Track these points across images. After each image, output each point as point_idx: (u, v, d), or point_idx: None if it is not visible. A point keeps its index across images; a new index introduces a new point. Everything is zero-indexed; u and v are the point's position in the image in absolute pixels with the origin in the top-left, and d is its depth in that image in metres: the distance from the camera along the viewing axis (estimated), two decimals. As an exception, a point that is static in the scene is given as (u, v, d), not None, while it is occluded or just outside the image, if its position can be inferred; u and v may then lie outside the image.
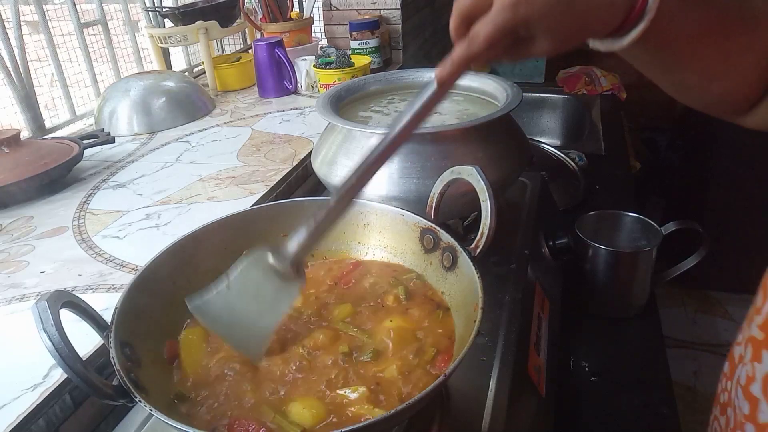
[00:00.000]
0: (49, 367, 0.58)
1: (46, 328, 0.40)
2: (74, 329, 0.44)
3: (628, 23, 0.43)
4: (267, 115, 1.35)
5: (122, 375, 0.42)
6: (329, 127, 0.82)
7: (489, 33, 0.42)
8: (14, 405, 0.54)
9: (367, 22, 1.57)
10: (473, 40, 0.43)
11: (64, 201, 0.98)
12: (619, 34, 0.44)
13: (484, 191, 0.51)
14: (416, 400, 0.39)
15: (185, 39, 1.51)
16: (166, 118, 1.30)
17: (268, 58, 1.43)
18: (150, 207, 0.93)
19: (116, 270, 0.76)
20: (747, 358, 0.42)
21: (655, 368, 0.81)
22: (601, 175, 1.30)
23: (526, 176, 0.95)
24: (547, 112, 1.82)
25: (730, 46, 0.47)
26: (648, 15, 0.41)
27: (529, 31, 0.43)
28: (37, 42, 1.34)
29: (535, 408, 0.64)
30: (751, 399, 0.42)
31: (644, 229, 0.91)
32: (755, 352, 0.41)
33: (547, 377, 0.68)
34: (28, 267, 0.78)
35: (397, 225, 0.61)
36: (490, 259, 0.75)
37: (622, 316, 0.91)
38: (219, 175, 1.03)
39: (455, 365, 0.41)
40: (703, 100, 0.53)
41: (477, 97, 0.89)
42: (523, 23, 0.42)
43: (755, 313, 0.41)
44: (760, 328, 0.40)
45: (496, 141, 0.75)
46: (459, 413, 0.54)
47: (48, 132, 1.30)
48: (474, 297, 0.48)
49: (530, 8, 0.41)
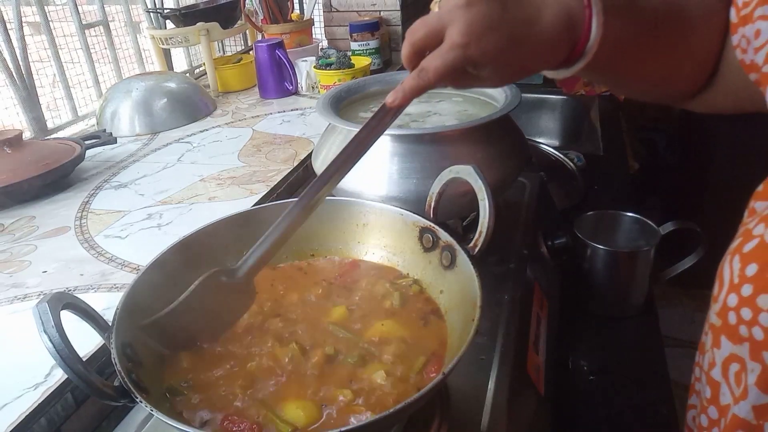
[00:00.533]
0: (50, 366, 0.59)
1: (46, 330, 0.41)
2: (75, 328, 0.45)
3: (572, 57, 0.46)
4: (268, 115, 1.36)
5: (123, 376, 0.42)
6: (329, 127, 0.82)
7: (438, 67, 0.45)
8: (16, 404, 0.55)
9: (367, 24, 1.57)
10: (423, 73, 0.46)
11: (66, 201, 0.98)
12: (565, 66, 0.47)
13: (482, 190, 0.52)
14: (415, 399, 0.40)
15: (186, 40, 1.52)
16: (167, 119, 1.31)
17: (268, 59, 1.44)
18: (152, 207, 0.93)
19: (118, 270, 0.76)
20: (708, 345, 0.44)
21: (653, 367, 0.81)
22: (600, 175, 1.30)
23: (525, 176, 0.95)
24: (546, 113, 1.82)
25: (671, 57, 0.50)
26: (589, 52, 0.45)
27: (477, 69, 0.46)
28: (39, 43, 1.35)
29: (533, 407, 0.64)
30: (712, 384, 0.43)
31: (642, 229, 0.91)
32: (715, 339, 0.42)
33: (545, 376, 0.68)
34: (30, 267, 0.78)
35: (396, 224, 0.61)
36: (489, 258, 0.75)
37: (620, 315, 0.91)
38: (220, 175, 1.03)
39: (454, 364, 0.41)
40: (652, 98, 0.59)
41: (476, 98, 0.89)
42: (471, 63, 0.45)
43: (713, 301, 0.43)
44: (718, 315, 0.41)
45: (495, 141, 0.76)
46: (458, 412, 0.54)
47: (50, 132, 1.31)
48: (473, 296, 0.48)
49: (479, 50, 0.44)
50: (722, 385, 0.43)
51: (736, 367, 0.41)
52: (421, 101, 0.88)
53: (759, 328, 0.37)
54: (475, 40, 0.43)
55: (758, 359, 0.38)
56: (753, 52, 0.43)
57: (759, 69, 0.42)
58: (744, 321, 0.38)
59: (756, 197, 0.43)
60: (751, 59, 0.43)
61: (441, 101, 0.90)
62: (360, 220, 0.63)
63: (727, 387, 0.42)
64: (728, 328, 0.40)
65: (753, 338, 0.38)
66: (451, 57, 0.45)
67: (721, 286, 0.41)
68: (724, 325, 0.41)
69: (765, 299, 0.37)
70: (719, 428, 0.44)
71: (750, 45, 0.43)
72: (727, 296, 0.40)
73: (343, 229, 0.64)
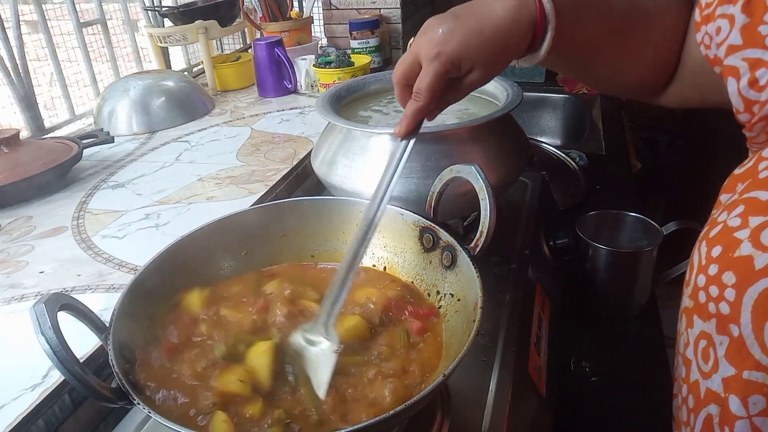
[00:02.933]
0: (48, 367, 0.58)
1: (43, 332, 0.40)
2: (73, 329, 0.44)
3: (537, 39, 0.52)
4: (266, 114, 1.35)
5: (121, 377, 0.42)
6: (329, 126, 0.81)
7: (428, 83, 0.51)
8: (13, 405, 0.54)
9: (367, 22, 1.57)
10: (418, 95, 0.52)
11: (64, 201, 0.98)
12: (534, 49, 0.53)
13: (484, 190, 0.51)
14: (416, 401, 0.39)
15: (184, 38, 1.51)
16: (165, 118, 1.30)
17: (267, 58, 1.43)
18: (149, 207, 0.93)
19: (115, 270, 0.76)
20: (682, 328, 0.47)
21: (655, 368, 0.81)
22: (602, 174, 1.30)
23: (526, 176, 0.94)
24: (548, 112, 1.81)
25: (628, 42, 0.56)
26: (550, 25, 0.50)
27: (458, 69, 0.52)
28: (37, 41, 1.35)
29: (535, 408, 0.63)
30: (686, 362, 0.47)
31: (645, 228, 0.90)
32: (688, 320, 0.46)
33: (547, 377, 0.68)
34: (28, 267, 0.78)
35: (397, 224, 0.60)
36: (490, 258, 0.74)
37: (622, 316, 0.91)
38: (218, 174, 1.03)
39: (455, 365, 0.41)
40: (619, 89, 0.65)
41: (477, 97, 0.89)
42: (450, 64, 0.51)
43: (685, 286, 0.46)
44: (690, 297, 0.45)
45: (496, 141, 0.75)
46: (459, 413, 0.53)
47: (47, 132, 1.30)
48: (473, 296, 0.48)
49: (449, 49, 0.50)
50: (693, 363, 0.46)
51: (704, 344, 0.44)
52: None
53: (725, 303, 0.40)
54: (442, 46, 0.50)
55: (725, 332, 0.41)
56: (716, 47, 0.47)
57: (721, 62, 0.47)
58: (712, 298, 0.42)
59: (723, 191, 0.48)
60: (714, 54, 0.48)
61: (441, 100, 0.89)
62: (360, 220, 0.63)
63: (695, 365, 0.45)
64: (699, 307, 0.44)
65: (720, 313, 0.41)
66: (432, 69, 0.51)
67: (692, 270, 0.45)
68: (696, 306, 0.44)
69: (729, 276, 0.40)
70: (687, 406, 0.47)
71: (712, 41, 0.48)
72: (697, 277, 0.43)
73: (343, 229, 0.63)
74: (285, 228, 0.63)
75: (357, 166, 0.74)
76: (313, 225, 0.64)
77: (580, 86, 1.83)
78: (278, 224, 0.63)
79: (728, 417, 0.42)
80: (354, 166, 0.74)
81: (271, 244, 0.63)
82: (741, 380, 0.40)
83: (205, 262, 0.60)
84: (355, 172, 0.74)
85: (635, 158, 1.58)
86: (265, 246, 0.63)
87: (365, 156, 0.74)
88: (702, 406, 0.44)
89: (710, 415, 0.44)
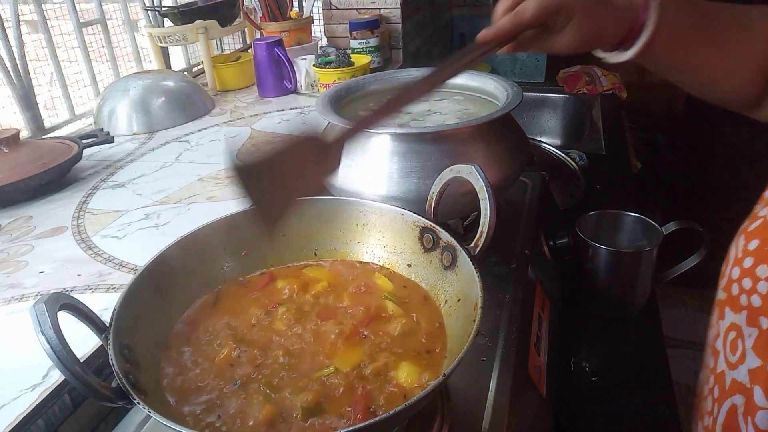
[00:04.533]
0: (48, 367, 0.58)
1: (43, 331, 0.40)
2: (73, 329, 0.44)
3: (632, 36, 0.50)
4: (266, 114, 1.35)
5: (121, 377, 0.42)
6: (329, 126, 0.81)
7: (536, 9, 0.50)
8: (13, 405, 0.54)
9: (366, 22, 1.57)
10: (521, 13, 0.50)
11: (63, 201, 0.98)
12: (624, 47, 0.52)
13: (484, 190, 0.51)
14: (415, 401, 0.39)
15: (184, 38, 1.51)
16: (165, 118, 1.30)
17: (267, 58, 1.43)
18: (149, 207, 0.93)
19: (115, 270, 0.75)
20: (714, 320, 0.47)
21: (655, 368, 0.81)
22: (602, 174, 1.30)
23: (526, 176, 0.94)
24: (548, 112, 1.82)
25: (728, 51, 0.54)
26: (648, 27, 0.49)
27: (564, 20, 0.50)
28: (37, 41, 1.34)
29: (535, 408, 0.63)
30: (714, 353, 0.47)
31: (645, 228, 0.90)
32: (720, 312, 0.46)
33: (547, 377, 0.68)
34: (27, 267, 0.78)
35: (397, 224, 0.60)
36: (490, 258, 0.74)
37: (622, 316, 0.91)
38: (218, 174, 1.03)
39: (455, 365, 0.41)
40: (715, 97, 0.61)
41: (477, 97, 0.89)
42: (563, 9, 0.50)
43: (720, 278, 0.47)
44: (723, 289, 0.45)
45: (496, 140, 0.75)
46: (459, 413, 0.53)
47: (47, 131, 1.30)
48: (473, 296, 0.48)
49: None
50: (721, 354, 0.46)
51: (733, 335, 0.44)
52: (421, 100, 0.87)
53: (757, 296, 0.41)
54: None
55: (755, 324, 0.41)
56: None
57: None
58: (744, 290, 0.42)
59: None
60: None
61: (442, 100, 0.89)
62: (360, 220, 0.63)
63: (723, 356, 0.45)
64: (731, 299, 0.44)
65: (751, 305, 0.41)
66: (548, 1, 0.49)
67: (728, 263, 0.45)
68: (728, 298, 0.44)
69: (764, 269, 0.40)
70: (713, 396, 0.47)
71: None
72: (732, 269, 0.44)
73: (343, 229, 0.64)
74: (284, 228, 0.63)
75: (357, 166, 0.74)
76: (313, 225, 0.64)
77: (580, 86, 1.83)
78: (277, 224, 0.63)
79: (752, 407, 0.42)
80: (354, 166, 0.74)
81: (271, 244, 0.63)
82: (766, 372, 0.41)
83: (205, 262, 0.60)
84: (355, 172, 0.74)
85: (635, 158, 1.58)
86: (265, 246, 0.63)
87: (365, 156, 0.74)
88: (727, 396, 0.45)
89: (734, 406, 0.44)
